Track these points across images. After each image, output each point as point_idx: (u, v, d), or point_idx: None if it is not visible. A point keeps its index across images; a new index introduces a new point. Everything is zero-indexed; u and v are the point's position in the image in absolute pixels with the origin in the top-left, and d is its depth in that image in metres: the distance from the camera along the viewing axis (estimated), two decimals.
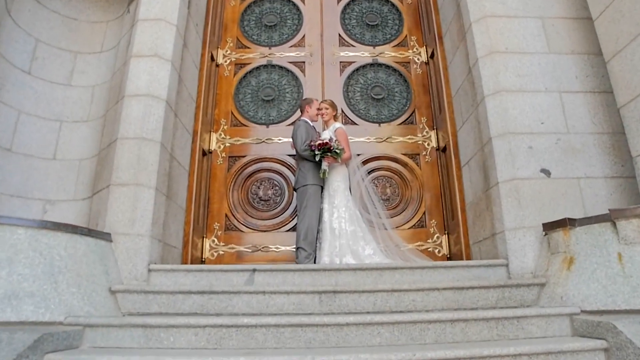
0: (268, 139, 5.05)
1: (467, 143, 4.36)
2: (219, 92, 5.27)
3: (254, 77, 5.35)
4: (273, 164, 4.98)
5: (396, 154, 5.02)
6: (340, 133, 4.44)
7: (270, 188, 4.90)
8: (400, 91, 5.32)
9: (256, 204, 4.86)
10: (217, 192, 4.87)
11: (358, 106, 5.24)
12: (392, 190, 4.93)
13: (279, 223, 4.79)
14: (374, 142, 5.07)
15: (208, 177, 4.90)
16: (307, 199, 4.18)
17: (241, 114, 5.17)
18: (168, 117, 3.94)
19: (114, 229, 3.47)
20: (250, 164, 4.98)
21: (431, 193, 4.91)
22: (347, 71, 5.36)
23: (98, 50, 4.64)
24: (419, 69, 5.41)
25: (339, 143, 4.23)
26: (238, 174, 4.94)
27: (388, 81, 5.35)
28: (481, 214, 4.02)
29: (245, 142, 5.05)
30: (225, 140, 5.05)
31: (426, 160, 5.02)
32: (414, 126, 5.17)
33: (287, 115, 5.17)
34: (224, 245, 4.72)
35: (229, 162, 4.99)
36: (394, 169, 4.99)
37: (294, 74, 5.33)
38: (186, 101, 4.47)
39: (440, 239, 4.76)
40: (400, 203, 4.90)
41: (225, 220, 4.81)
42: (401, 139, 5.08)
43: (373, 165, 4.99)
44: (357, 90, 5.30)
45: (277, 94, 5.24)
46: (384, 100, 5.26)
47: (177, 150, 4.19)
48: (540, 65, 3.98)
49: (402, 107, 5.25)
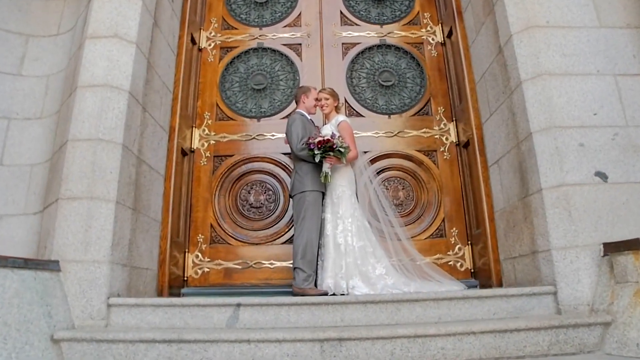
0: (259, 135, 4.33)
1: (497, 138, 3.62)
2: (202, 81, 4.53)
3: (242, 62, 4.60)
4: (265, 164, 4.26)
5: (409, 151, 4.29)
6: (344, 127, 3.70)
7: (263, 193, 4.19)
8: (413, 77, 4.56)
9: (246, 211, 4.16)
10: (200, 199, 4.17)
11: (364, 95, 4.49)
12: (405, 193, 4.21)
13: (273, 234, 4.09)
14: (383, 136, 4.33)
15: (190, 180, 4.18)
16: (306, 208, 3.46)
17: (228, 106, 4.43)
18: (133, 112, 3.22)
19: (63, 255, 2.78)
20: (238, 165, 4.26)
21: (451, 197, 4.19)
22: (350, 54, 4.60)
23: (54, 33, 3.89)
24: (434, 51, 4.64)
25: (343, 140, 3.50)
26: (225, 177, 4.23)
27: (398, 65, 4.59)
28: (516, 225, 3.31)
29: (232, 138, 4.32)
30: (209, 137, 4.33)
31: (444, 157, 4.29)
32: (430, 118, 4.43)
33: (281, 106, 4.43)
34: (209, 261, 4.03)
35: (214, 162, 4.28)
36: (407, 169, 4.26)
37: (289, 59, 4.57)
38: (159, 92, 3.73)
39: (463, 250, 4.06)
40: (415, 209, 4.19)
41: (211, 231, 4.11)
42: (415, 133, 4.35)
43: (382, 164, 4.26)
44: (362, 77, 4.55)
45: (270, 82, 4.49)
46: (394, 87, 4.51)
47: (148, 152, 3.47)
48: (590, 42, 3.22)
49: (415, 95, 4.50)
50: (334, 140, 3.37)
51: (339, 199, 3.55)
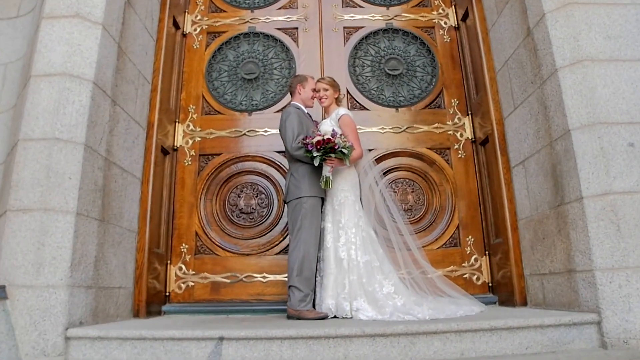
0: (250, 131, 3.84)
1: (523, 136, 3.15)
2: (186, 70, 4.03)
3: (231, 49, 4.10)
4: (257, 164, 3.78)
5: (419, 149, 3.81)
6: (345, 122, 3.22)
7: (254, 196, 3.72)
8: (423, 65, 4.06)
9: (236, 218, 3.69)
10: (184, 203, 3.70)
11: (368, 85, 4.00)
12: (415, 197, 3.74)
13: (266, 244, 3.63)
14: (390, 132, 3.85)
15: (172, 183, 3.71)
16: (302, 217, 2.99)
17: (215, 98, 3.94)
18: (99, 106, 2.73)
19: (11, 279, 2.31)
20: (227, 165, 3.78)
21: (466, 200, 3.72)
22: (353, 39, 4.10)
23: (13, 16, 3.38)
24: (447, 36, 4.14)
25: (345, 138, 3.02)
26: (212, 178, 3.75)
27: (407, 52, 4.09)
28: (547, 237, 2.85)
29: (220, 135, 3.84)
30: (194, 134, 3.85)
31: (459, 156, 3.81)
32: (442, 111, 3.94)
33: (275, 98, 3.94)
34: (194, 274, 3.57)
35: (199, 162, 3.80)
36: (417, 169, 3.79)
37: (284, 44, 4.07)
38: (134, 83, 3.24)
39: (480, 261, 3.60)
40: (427, 214, 3.72)
41: (196, 240, 3.65)
42: (426, 129, 3.86)
43: (389, 163, 3.78)
44: (366, 65, 4.05)
45: (262, 71, 4.00)
46: (402, 77, 4.01)
47: (120, 152, 2.99)
48: (639, 22, 2.73)
49: (425, 85, 4.01)
50: (336, 140, 2.89)
51: (340, 206, 3.07)
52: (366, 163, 3.41)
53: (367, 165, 3.41)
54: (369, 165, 3.43)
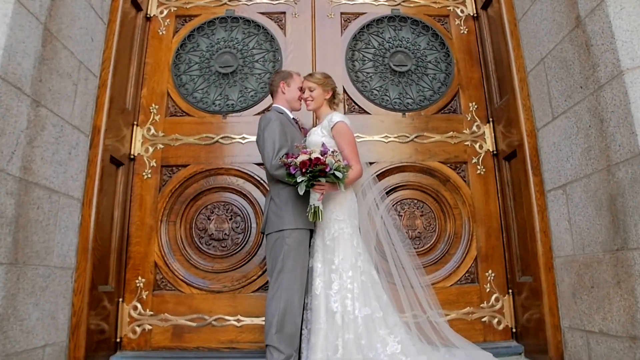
0: (225, 137, 3.14)
1: (566, 153, 2.49)
2: (149, 61, 3.31)
3: (205, 36, 3.38)
4: (232, 179, 3.09)
5: (430, 162, 3.15)
6: (341, 132, 2.55)
7: (228, 219, 3.03)
8: (436, 60, 3.38)
9: (204, 245, 3.00)
10: (142, 226, 3.00)
11: (370, 84, 3.31)
12: (424, 222, 3.08)
13: (241, 278, 2.94)
14: (395, 142, 3.17)
15: (127, 201, 3.01)
16: (285, 256, 2.32)
17: (183, 97, 3.23)
18: (8, 109, 2.02)
19: None
20: (195, 179, 3.08)
21: (486, 227, 3.07)
22: (352, 28, 3.40)
23: None
24: (464, 27, 3.46)
25: (340, 155, 2.34)
26: (176, 196, 3.05)
27: (416, 44, 3.41)
28: (598, 287, 2.21)
29: (188, 142, 3.13)
30: (156, 140, 3.14)
31: (478, 172, 3.15)
32: (458, 117, 3.27)
33: (255, 98, 3.23)
34: (152, 315, 2.88)
35: (161, 175, 3.09)
36: (428, 188, 3.12)
37: (269, 32, 3.36)
38: (71, 77, 2.52)
39: (501, 301, 2.97)
40: (438, 243, 3.06)
41: (155, 272, 2.96)
42: (438, 138, 3.19)
43: (394, 180, 3.11)
44: (368, 59, 3.36)
45: (241, 64, 3.29)
46: (410, 74, 3.33)
47: (46, 169, 2.28)
48: None
49: (438, 86, 3.33)
50: (326, 159, 2.20)
51: (334, 241, 2.40)
52: (365, 181, 2.74)
53: (366, 184, 2.75)
54: (369, 184, 2.77)
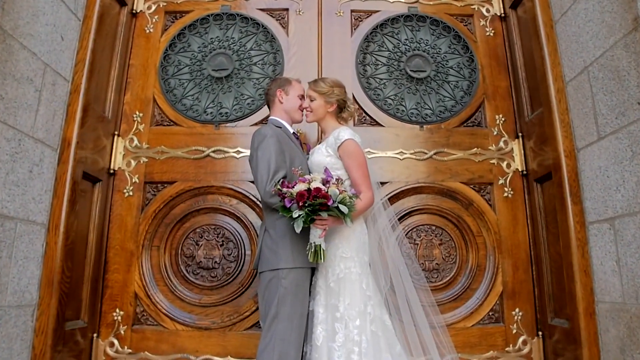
0: (217, 151, 2.76)
1: (615, 181, 2.10)
2: (133, 63, 2.94)
3: (197, 35, 3.00)
4: (225, 199, 2.71)
5: (451, 183, 2.75)
6: (349, 152, 2.16)
7: (218, 245, 2.65)
8: (458, 66, 2.98)
9: (192, 274, 2.63)
10: (121, 251, 2.64)
11: (383, 92, 2.92)
12: (443, 251, 2.69)
13: (232, 313, 2.57)
14: (411, 159, 2.78)
15: (105, 221, 2.64)
16: (280, 300, 1.94)
17: (171, 104, 2.85)
18: None
19: None
20: (183, 198, 2.71)
21: (514, 258, 2.68)
22: (363, 28, 3.01)
23: None
24: (490, 28, 3.06)
25: (345, 185, 1.95)
26: (161, 217, 2.69)
27: (436, 47, 3.01)
28: None
29: (175, 155, 2.76)
30: (140, 152, 2.77)
31: (505, 194, 2.75)
32: (483, 130, 2.87)
33: (252, 106, 2.85)
34: (131, 354, 2.52)
35: (145, 192, 2.72)
36: (448, 212, 2.73)
37: (269, 31, 2.97)
38: (32, 82, 2.15)
39: (529, 345, 2.58)
40: (458, 276, 2.68)
41: (136, 304, 2.59)
42: (460, 155, 2.80)
43: (409, 203, 2.73)
44: (381, 63, 2.97)
45: (237, 67, 2.90)
46: (429, 81, 2.93)
47: None
48: None
49: (461, 95, 2.93)
50: (329, 190, 1.81)
51: (339, 283, 2.02)
52: (376, 204, 2.35)
53: (377, 208, 2.36)
54: (380, 208, 2.38)
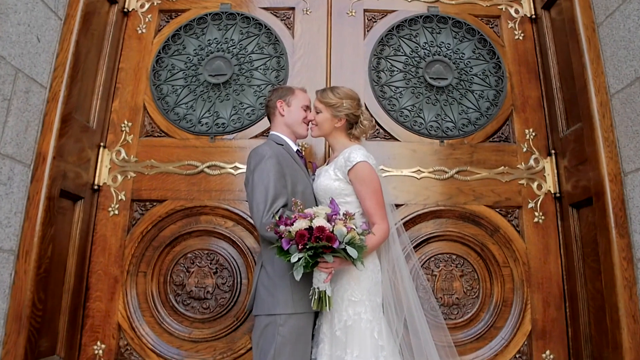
0: (212, 166, 2.48)
1: None
2: (123, 67, 2.66)
3: (193, 36, 2.72)
4: (220, 221, 2.43)
5: (475, 206, 2.44)
6: (362, 178, 1.86)
7: (212, 273, 2.37)
8: (484, 73, 2.67)
9: (182, 305, 2.35)
10: (104, 277, 2.37)
11: (399, 101, 2.61)
12: (464, 284, 2.38)
13: (226, 350, 2.28)
14: (430, 178, 2.48)
15: (87, 243, 2.38)
16: (277, 351, 1.65)
17: (163, 112, 2.58)
18: None
19: None
20: (173, 219, 2.43)
21: (544, 292, 2.36)
22: (378, 30, 2.71)
23: None
24: (519, 31, 2.74)
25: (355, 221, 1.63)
26: (149, 239, 2.41)
27: (459, 52, 2.69)
28: None
29: (166, 170, 2.48)
30: (127, 166, 2.50)
31: (535, 219, 2.44)
32: (511, 147, 2.55)
33: (252, 116, 2.56)
34: None
35: (132, 211, 2.45)
36: (470, 239, 2.42)
37: (272, 32, 2.68)
38: (0, 90, 1.89)
39: None
40: (481, 312, 2.36)
41: (119, 336, 2.32)
42: (485, 174, 2.49)
43: (427, 229, 2.42)
44: (397, 69, 2.66)
45: (237, 73, 2.62)
46: (451, 90, 2.62)
47: None
48: None
49: (487, 106, 2.62)
50: (335, 228, 1.51)
51: (347, 332, 1.72)
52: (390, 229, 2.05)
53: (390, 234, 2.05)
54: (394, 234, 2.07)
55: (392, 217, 2.08)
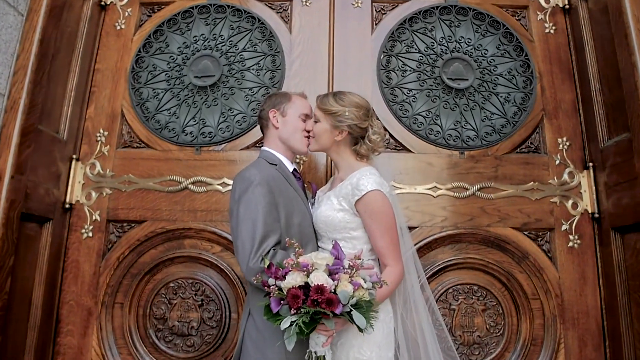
0: (198, 182, 2.17)
1: None
2: (99, 68, 2.36)
3: (177, 32, 2.40)
4: (206, 245, 2.13)
5: (500, 228, 2.11)
6: (373, 212, 1.54)
7: (197, 305, 2.08)
8: (510, 73, 2.32)
9: (163, 341, 2.07)
10: (76, 308, 2.09)
11: (412, 106, 2.27)
12: (487, 320, 2.06)
13: None
14: (448, 196, 2.15)
15: (56, 271, 2.10)
16: None
17: (142, 120, 2.27)
18: None
19: None
20: (154, 242, 2.13)
21: (581, 329, 2.04)
22: (388, 23, 2.36)
23: None
24: (550, 24, 2.38)
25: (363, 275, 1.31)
26: (126, 265, 2.12)
27: (481, 49, 2.34)
28: None
29: (146, 186, 2.18)
30: (103, 182, 2.20)
31: (570, 244, 2.11)
32: (541, 158, 2.21)
33: (243, 124, 2.24)
34: None
35: (107, 234, 2.16)
36: (495, 267, 2.09)
37: (267, 27, 2.35)
38: None
39: None
40: (507, 352, 2.05)
41: None
42: (511, 191, 2.15)
43: (445, 255, 2.10)
44: (410, 68, 2.32)
45: (226, 74, 2.29)
46: (472, 93, 2.28)
47: None
48: None
49: (513, 111, 2.27)
50: (337, 287, 1.20)
51: None
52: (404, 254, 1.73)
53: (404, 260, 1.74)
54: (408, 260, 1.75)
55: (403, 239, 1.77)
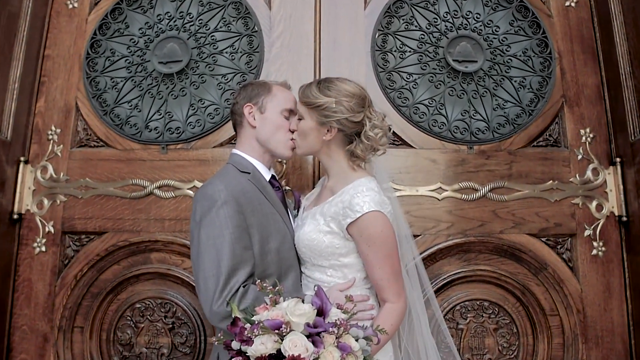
0: (164, 187, 1.88)
1: None
2: (50, 54, 2.03)
3: (139, 11, 2.05)
4: (176, 260, 1.84)
5: (514, 235, 1.84)
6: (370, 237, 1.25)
7: (167, 329, 1.81)
8: (525, 54, 2.00)
9: None
10: (29, 335, 1.82)
11: (412, 94, 1.96)
12: (499, 340, 1.81)
13: None
14: (455, 198, 1.86)
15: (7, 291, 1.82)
16: None
17: (99, 114, 1.95)
18: None
19: None
20: (116, 257, 1.85)
21: (605, 348, 1.79)
22: None
23: None
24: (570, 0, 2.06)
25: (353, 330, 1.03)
26: (86, 284, 1.84)
27: (491, 25, 2.02)
28: None
29: (105, 192, 1.89)
30: (56, 187, 1.90)
31: (593, 252, 1.84)
32: (561, 153, 1.92)
33: (216, 117, 1.93)
34: None
35: (63, 248, 1.88)
36: (508, 280, 1.82)
37: (242, 3, 2.01)
38: None
39: None
40: None
41: None
42: (527, 192, 1.87)
43: (452, 267, 1.83)
44: (410, 48, 2.00)
45: (195, 58, 1.97)
46: (481, 77, 1.97)
47: None
48: None
49: (529, 97, 1.97)
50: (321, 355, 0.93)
51: None
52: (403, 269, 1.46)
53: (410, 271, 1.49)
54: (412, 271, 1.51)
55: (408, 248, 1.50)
